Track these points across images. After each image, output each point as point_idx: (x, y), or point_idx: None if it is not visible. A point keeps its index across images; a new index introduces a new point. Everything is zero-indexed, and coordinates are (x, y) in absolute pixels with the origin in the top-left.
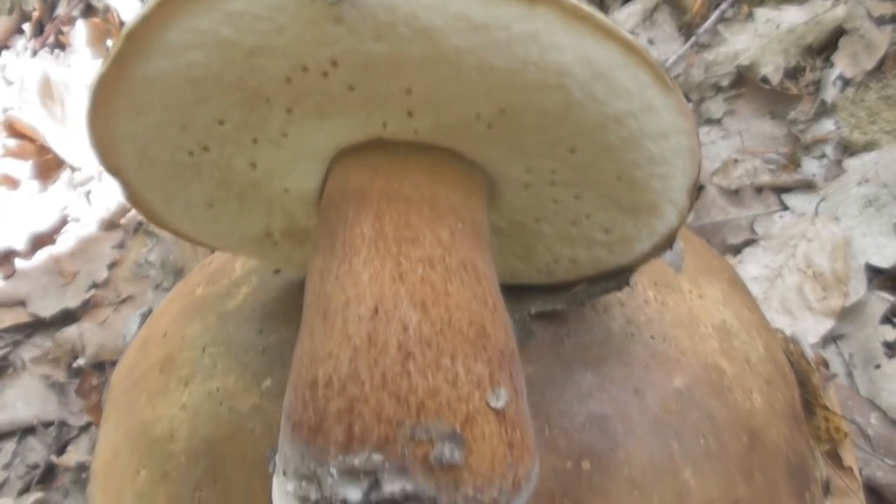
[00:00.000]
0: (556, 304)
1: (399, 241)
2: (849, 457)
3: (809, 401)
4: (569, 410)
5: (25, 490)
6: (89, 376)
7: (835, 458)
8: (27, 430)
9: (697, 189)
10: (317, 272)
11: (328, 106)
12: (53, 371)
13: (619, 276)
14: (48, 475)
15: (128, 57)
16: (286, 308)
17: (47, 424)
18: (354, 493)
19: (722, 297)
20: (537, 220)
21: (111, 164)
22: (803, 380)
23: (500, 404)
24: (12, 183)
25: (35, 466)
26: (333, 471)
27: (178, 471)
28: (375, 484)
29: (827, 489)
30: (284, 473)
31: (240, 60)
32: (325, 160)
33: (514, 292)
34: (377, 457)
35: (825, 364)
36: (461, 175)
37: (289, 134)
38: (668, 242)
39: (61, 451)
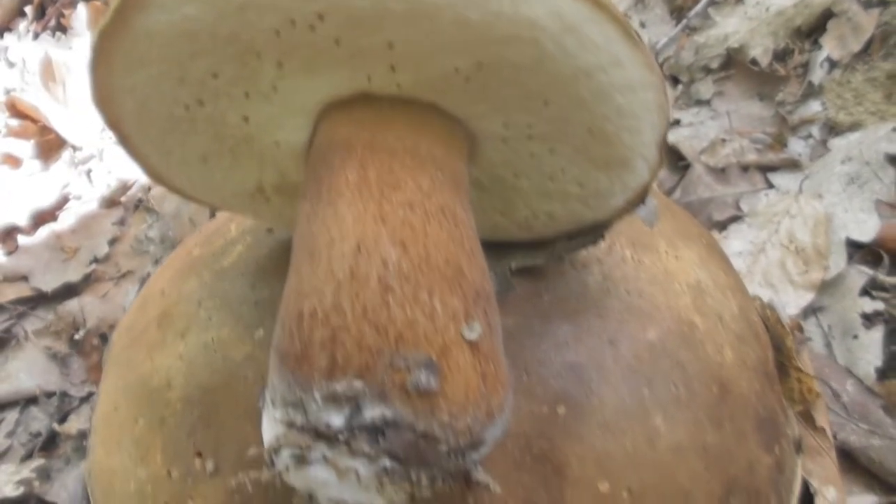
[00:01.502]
0: (535, 260)
1: (381, 186)
2: (821, 417)
3: (784, 363)
4: (546, 359)
5: (28, 457)
6: (91, 337)
7: (808, 418)
8: (30, 400)
9: (667, 145)
10: (304, 216)
11: (316, 60)
12: (55, 343)
13: (594, 231)
14: (50, 443)
15: (127, 11)
16: (278, 264)
17: (49, 394)
18: (337, 418)
19: (698, 260)
20: (516, 175)
21: (112, 117)
22: (778, 342)
23: (473, 336)
24: (15, 162)
25: (37, 435)
26: (317, 396)
27: (175, 417)
28: (357, 410)
29: (799, 448)
30: (273, 403)
31: (232, 14)
32: (314, 114)
33: (496, 249)
34: (358, 383)
35: (800, 328)
36: (443, 129)
37: (279, 88)
38: (640, 198)
39: (63, 420)
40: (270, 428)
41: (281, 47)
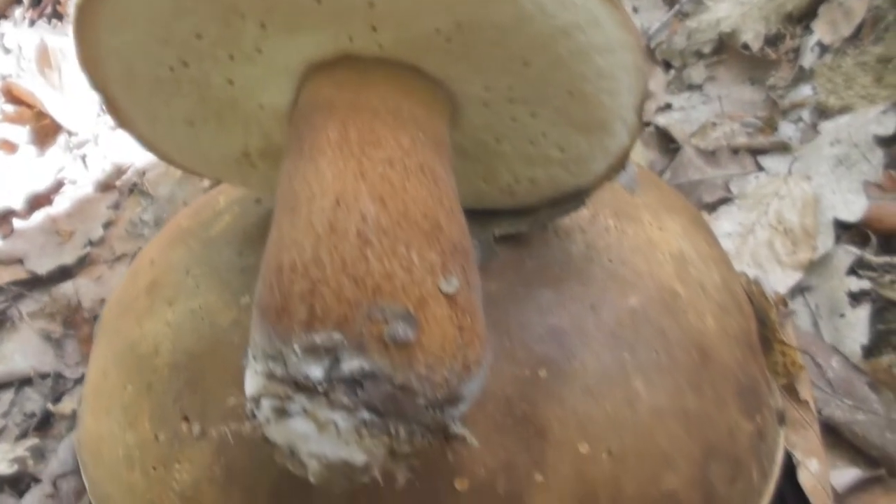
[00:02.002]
0: (519, 227)
1: (362, 144)
2: (805, 391)
3: (768, 337)
4: (528, 324)
5: (23, 436)
6: (82, 312)
7: (792, 392)
8: (24, 381)
9: (644, 108)
10: (286, 174)
11: (298, 20)
12: (50, 325)
13: (576, 198)
14: (44, 423)
15: None
16: (264, 232)
17: (44, 376)
18: (316, 369)
19: (682, 231)
20: (497, 140)
21: (98, 80)
22: (762, 316)
23: (450, 290)
24: (11, 147)
25: (32, 415)
26: (297, 348)
27: (162, 383)
28: (336, 361)
29: (782, 419)
30: (254, 358)
31: None
32: (298, 76)
33: (480, 216)
34: (337, 335)
35: (784, 302)
36: (424, 91)
37: (263, 50)
38: (621, 163)
39: (57, 400)
40: (251, 381)
41: (263, 7)
